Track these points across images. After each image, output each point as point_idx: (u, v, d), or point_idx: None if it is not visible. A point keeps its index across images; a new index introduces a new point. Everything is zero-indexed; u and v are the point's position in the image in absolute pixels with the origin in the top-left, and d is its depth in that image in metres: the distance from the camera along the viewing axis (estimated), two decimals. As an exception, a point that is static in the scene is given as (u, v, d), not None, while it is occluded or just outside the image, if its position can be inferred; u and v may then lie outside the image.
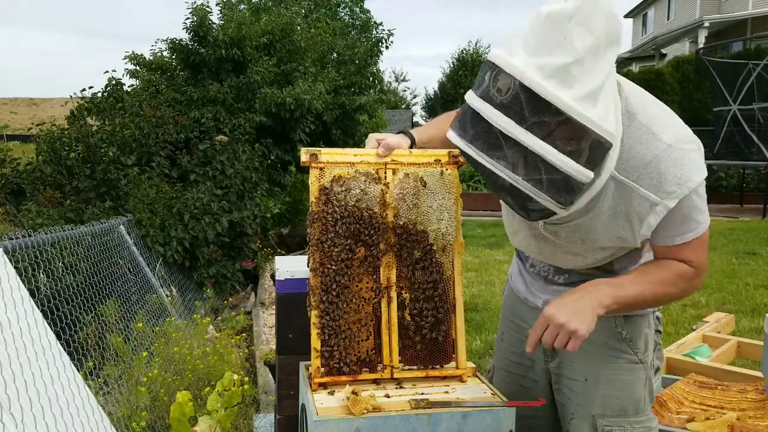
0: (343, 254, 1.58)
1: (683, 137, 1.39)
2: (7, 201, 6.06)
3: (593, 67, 1.21)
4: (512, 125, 1.20)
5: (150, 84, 8.54)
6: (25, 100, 53.61)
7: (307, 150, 1.60)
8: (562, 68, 1.18)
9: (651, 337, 1.67)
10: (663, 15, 27.52)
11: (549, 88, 1.18)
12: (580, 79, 1.19)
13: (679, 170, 1.35)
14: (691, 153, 1.38)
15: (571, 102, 1.18)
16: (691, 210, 1.41)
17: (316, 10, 15.29)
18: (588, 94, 1.20)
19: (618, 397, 1.61)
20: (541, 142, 1.19)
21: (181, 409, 2.35)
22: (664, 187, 1.36)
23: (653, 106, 1.42)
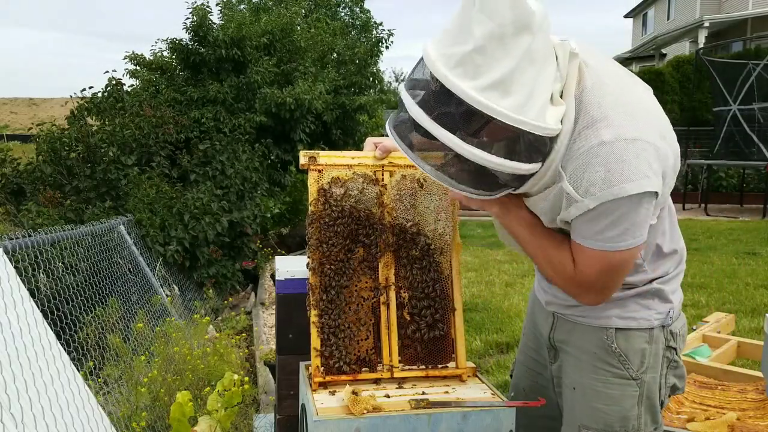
0: (342, 255, 1.59)
1: (629, 137, 1.26)
2: (7, 201, 6.07)
3: (500, 54, 1.15)
4: (421, 115, 1.21)
5: (150, 84, 8.55)
6: (25, 100, 53.63)
7: (306, 153, 1.63)
8: (465, 57, 1.16)
9: (655, 353, 1.53)
10: (663, 15, 27.52)
11: (451, 77, 1.16)
12: (484, 67, 1.15)
13: (606, 171, 1.25)
14: (631, 159, 1.25)
15: (473, 92, 1.15)
16: (614, 218, 1.29)
17: (316, 10, 15.30)
18: (495, 82, 1.15)
19: (604, 412, 1.52)
20: (446, 132, 1.19)
21: (181, 409, 2.35)
22: (585, 185, 1.27)
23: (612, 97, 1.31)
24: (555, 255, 1.44)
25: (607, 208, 1.27)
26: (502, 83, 1.16)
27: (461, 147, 1.19)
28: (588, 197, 1.27)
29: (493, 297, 5.85)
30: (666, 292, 1.53)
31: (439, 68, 1.18)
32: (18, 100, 53.55)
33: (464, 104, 1.16)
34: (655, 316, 1.53)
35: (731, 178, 14.17)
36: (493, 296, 5.89)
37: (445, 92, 1.17)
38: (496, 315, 5.23)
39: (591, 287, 1.43)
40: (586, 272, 1.39)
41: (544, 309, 1.68)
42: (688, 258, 1.66)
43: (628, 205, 1.27)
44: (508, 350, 4.42)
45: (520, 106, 1.18)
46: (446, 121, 1.19)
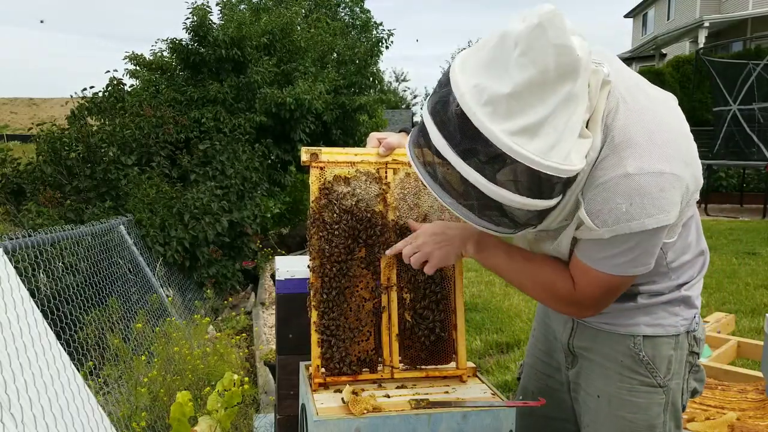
0: (343, 254, 1.58)
1: (654, 170, 1.22)
2: (7, 201, 6.07)
3: (537, 100, 1.11)
4: (445, 146, 1.16)
5: (150, 84, 8.55)
6: (25, 100, 53.60)
7: (308, 149, 1.59)
8: (498, 98, 1.10)
9: (680, 359, 1.51)
10: (663, 15, 27.52)
11: (480, 115, 1.11)
12: (517, 112, 1.10)
13: (628, 204, 1.21)
14: (655, 192, 1.22)
15: (502, 136, 1.10)
16: (620, 248, 1.28)
17: (316, 10, 15.28)
18: (525, 128, 1.11)
19: (630, 420, 1.50)
20: (469, 168, 1.14)
21: (181, 409, 2.34)
22: (603, 216, 1.24)
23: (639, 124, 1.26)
24: (542, 276, 1.45)
25: (621, 238, 1.26)
26: (533, 128, 1.12)
27: (485, 186, 1.15)
28: (604, 228, 1.25)
29: (493, 297, 5.85)
30: (692, 298, 1.52)
31: (470, 104, 1.12)
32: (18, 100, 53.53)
33: (491, 146, 1.12)
34: (681, 322, 1.51)
35: (731, 178, 14.16)
36: (493, 296, 5.89)
37: (473, 128, 1.12)
38: (496, 315, 5.23)
39: (589, 306, 1.43)
40: (587, 291, 1.39)
41: (561, 314, 1.65)
42: None
43: (643, 237, 1.26)
44: (508, 350, 4.42)
45: (548, 150, 1.13)
46: (470, 158, 1.14)
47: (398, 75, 40.79)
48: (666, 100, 1.40)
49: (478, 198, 1.18)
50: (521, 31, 1.10)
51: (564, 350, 1.65)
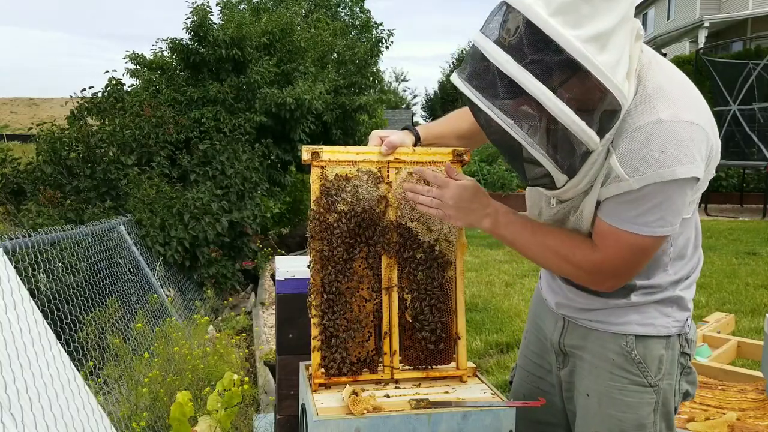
0: (344, 254, 1.57)
1: (686, 119, 1.22)
2: (7, 201, 6.07)
3: (606, 7, 1.11)
4: (509, 61, 1.11)
5: (150, 84, 8.55)
6: (25, 100, 53.63)
7: (309, 148, 1.58)
8: (570, 4, 1.09)
9: (671, 359, 1.50)
10: (663, 15, 27.53)
11: (553, 23, 1.09)
12: (588, 19, 1.10)
13: (660, 151, 1.20)
14: (686, 140, 1.21)
15: (576, 42, 1.09)
16: (652, 203, 1.25)
17: (316, 10, 15.30)
18: (595, 36, 1.10)
19: (619, 419, 1.49)
20: (538, 82, 1.10)
21: (181, 409, 2.34)
22: (635, 163, 1.22)
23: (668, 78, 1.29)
24: (561, 246, 1.42)
25: (652, 190, 1.23)
26: (602, 38, 1.11)
27: (551, 100, 1.11)
28: (635, 176, 1.22)
29: (493, 297, 5.85)
30: (686, 300, 1.52)
31: (539, 13, 1.09)
32: (18, 100, 53.56)
33: (563, 54, 1.09)
34: (673, 323, 1.50)
35: (731, 178, 14.17)
36: (493, 296, 5.89)
37: (542, 39, 1.10)
38: (496, 315, 5.23)
39: (613, 272, 1.39)
40: (612, 255, 1.35)
41: (553, 312, 1.65)
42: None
43: (673, 189, 1.24)
44: (508, 350, 4.42)
45: (615, 66, 1.13)
46: (538, 71, 1.10)
47: (398, 75, 40.88)
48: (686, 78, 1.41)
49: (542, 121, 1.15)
50: None
51: (555, 350, 1.65)
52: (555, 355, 1.65)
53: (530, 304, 1.88)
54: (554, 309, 1.64)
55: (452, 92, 29.84)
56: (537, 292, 1.82)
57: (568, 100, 1.12)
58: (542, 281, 1.78)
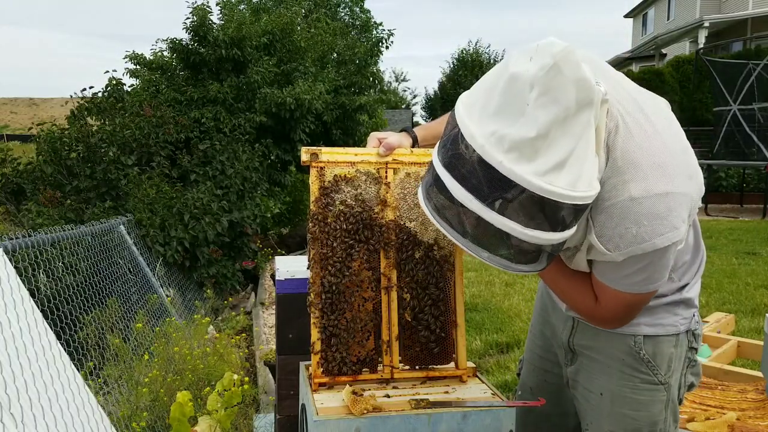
0: (343, 254, 1.58)
1: (659, 191, 1.22)
2: (7, 201, 6.07)
3: (560, 136, 1.10)
4: (472, 201, 1.12)
5: (150, 84, 8.55)
6: (25, 100, 53.65)
7: (308, 149, 1.59)
8: (524, 142, 1.08)
9: (680, 356, 1.54)
10: (663, 15, 27.52)
11: (508, 164, 1.08)
12: (544, 151, 1.09)
13: (636, 228, 1.22)
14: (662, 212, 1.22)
15: (533, 178, 1.08)
16: (633, 267, 1.29)
17: (316, 10, 15.29)
18: (554, 165, 1.09)
19: (633, 417, 1.53)
20: (503, 219, 1.12)
21: (181, 409, 2.35)
22: (615, 240, 1.25)
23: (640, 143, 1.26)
24: (568, 288, 1.47)
25: (635, 259, 1.27)
26: (560, 164, 1.10)
27: (520, 232, 1.13)
28: (616, 251, 1.26)
29: (493, 297, 5.85)
30: (693, 299, 1.55)
31: (492, 153, 1.09)
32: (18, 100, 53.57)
33: (523, 190, 1.09)
34: (681, 321, 1.54)
35: (731, 178, 14.17)
36: (493, 296, 5.89)
37: (499, 178, 1.10)
38: (496, 315, 5.23)
39: (611, 321, 1.46)
40: (609, 307, 1.41)
41: (562, 312, 1.67)
42: None
43: (656, 255, 1.27)
44: (508, 350, 4.42)
45: (576, 181, 1.12)
46: (500, 207, 1.12)
47: (398, 75, 40.85)
48: (661, 109, 1.38)
49: (511, 243, 1.16)
50: (535, 73, 1.08)
51: (564, 347, 1.67)
52: (564, 353, 1.68)
53: (536, 299, 1.90)
54: (564, 311, 1.66)
55: (452, 92, 29.85)
56: (543, 288, 1.84)
57: (536, 225, 1.13)
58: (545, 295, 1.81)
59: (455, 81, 30.56)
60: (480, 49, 32.00)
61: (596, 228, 1.27)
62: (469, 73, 30.11)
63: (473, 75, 29.69)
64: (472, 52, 31.77)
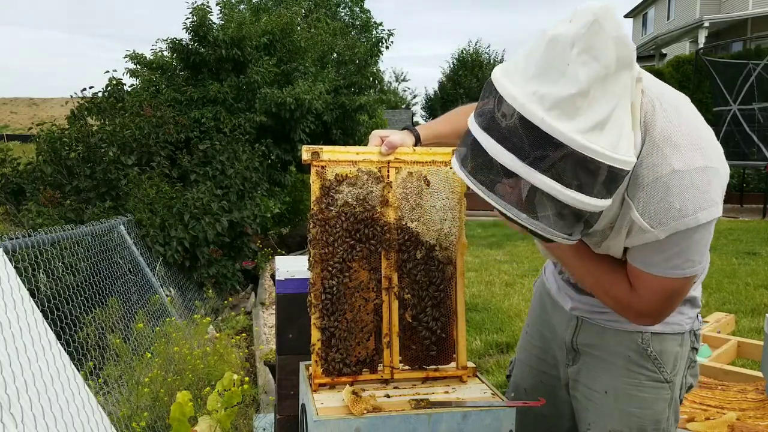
0: (344, 254, 1.57)
1: (699, 165, 1.24)
2: (7, 201, 6.07)
3: (600, 95, 1.10)
4: (514, 160, 1.11)
5: (150, 84, 8.54)
6: (25, 100, 53.65)
7: (309, 148, 1.57)
8: (565, 99, 1.08)
9: (683, 355, 1.56)
10: (663, 15, 27.53)
11: (550, 121, 1.08)
12: (585, 109, 1.09)
13: (680, 202, 1.22)
14: (703, 186, 1.23)
15: (575, 135, 1.08)
16: (680, 248, 1.27)
17: (316, 10, 15.29)
18: (595, 124, 1.10)
19: (637, 416, 1.53)
20: (545, 178, 1.10)
21: (181, 409, 2.34)
22: (658, 216, 1.24)
23: (674, 123, 1.28)
24: (606, 280, 1.43)
25: (677, 237, 1.26)
26: (600, 123, 1.10)
27: (559, 192, 1.11)
28: (659, 228, 1.25)
29: (493, 297, 5.85)
30: (697, 298, 1.56)
31: (535, 111, 1.09)
32: (18, 100, 53.57)
33: (565, 148, 1.09)
34: (686, 320, 1.55)
35: (731, 178, 14.16)
36: (493, 296, 5.89)
37: (541, 136, 1.09)
38: (496, 315, 5.23)
39: (650, 313, 1.41)
40: (646, 298, 1.37)
41: (565, 312, 1.67)
42: None
43: (699, 232, 1.26)
44: (508, 350, 4.42)
45: (617, 143, 1.12)
46: (541, 166, 1.10)
47: (398, 75, 40.83)
48: (686, 99, 1.41)
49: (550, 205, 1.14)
50: (576, 31, 1.09)
51: (566, 347, 1.67)
52: (566, 353, 1.67)
53: (533, 299, 1.89)
54: (567, 309, 1.66)
55: (452, 92, 29.81)
56: (542, 289, 1.83)
57: (577, 186, 1.12)
58: (549, 282, 1.79)
59: (455, 81, 30.51)
60: (480, 49, 31.96)
61: (639, 206, 1.26)
62: (469, 73, 30.05)
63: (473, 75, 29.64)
64: (472, 52, 31.73)
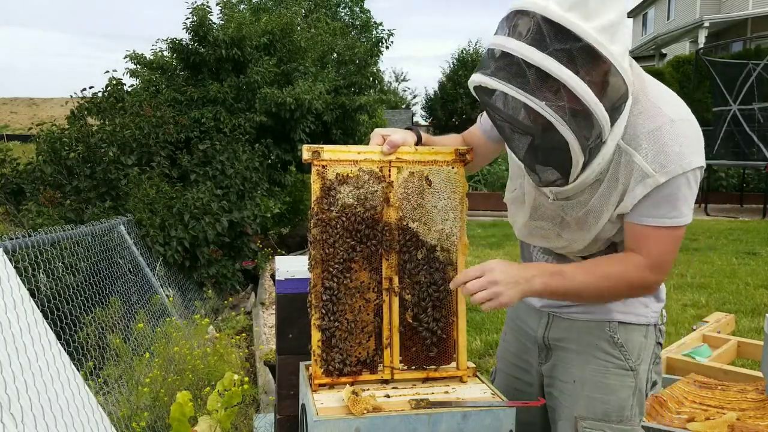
0: (344, 254, 1.57)
1: (688, 119, 1.41)
2: (7, 201, 6.07)
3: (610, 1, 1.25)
4: (534, 51, 1.22)
5: (150, 84, 8.54)
6: (25, 100, 53.62)
7: (310, 147, 1.56)
8: (580, 1, 1.22)
9: (648, 348, 1.64)
10: (663, 15, 27.53)
11: (570, 17, 1.21)
12: (598, 11, 1.23)
13: (678, 146, 1.36)
14: (693, 135, 1.39)
15: (592, 32, 1.22)
16: (678, 194, 1.40)
17: (316, 10, 15.29)
18: (606, 26, 1.24)
19: (602, 401, 1.60)
20: (563, 67, 1.21)
21: (181, 409, 2.34)
22: (660, 159, 1.37)
23: (660, 86, 1.47)
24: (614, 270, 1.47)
25: (676, 183, 1.38)
26: (611, 28, 1.25)
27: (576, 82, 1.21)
28: (661, 171, 1.37)
29: (493, 297, 5.84)
30: (661, 292, 1.65)
31: (555, 9, 1.22)
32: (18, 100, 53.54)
33: (582, 42, 1.21)
34: (651, 314, 1.64)
35: (731, 178, 14.18)
36: (493, 296, 5.87)
37: (561, 31, 1.22)
38: (496, 315, 5.23)
39: (660, 268, 1.47)
40: (658, 252, 1.45)
41: (537, 310, 1.73)
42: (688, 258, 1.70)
43: (692, 178, 1.39)
44: (508, 350, 4.42)
45: (622, 56, 1.27)
46: (561, 57, 1.21)
47: (398, 75, 40.83)
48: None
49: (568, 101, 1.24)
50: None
51: (539, 345, 1.73)
52: (538, 351, 1.74)
53: (507, 310, 1.95)
54: (538, 307, 1.73)
55: (452, 92, 29.77)
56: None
57: (588, 84, 1.23)
58: None
59: (455, 81, 30.48)
60: (480, 49, 31.94)
61: (641, 151, 1.38)
62: (469, 73, 29.97)
63: (473, 75, 29.57)
64: (472, 52, 31.71)
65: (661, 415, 2.50)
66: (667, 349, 3.20)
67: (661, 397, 2.60)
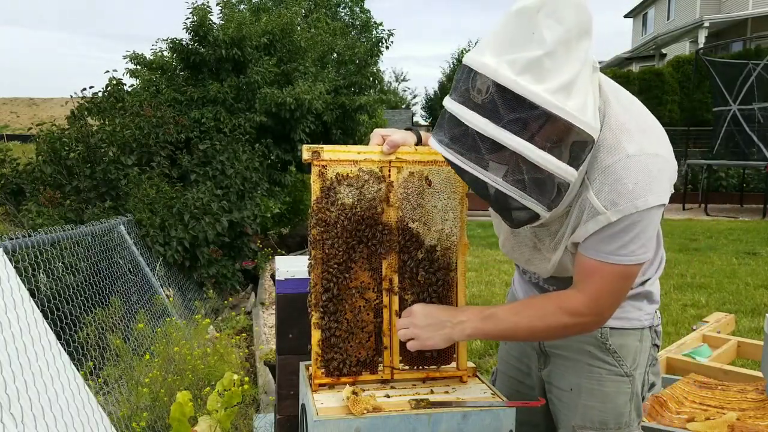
0: (344, 254, 1.57)
1: (650, 152, 1.33)
2: (7, 201, 6.07)
3: (566, 59, 1.18)
4: (487, 124, 1.17)
5: (150, 84, 8.55)
6: (25, 100, 53.65)
7: (310, 147, 1.56)
8: (534, 62, 1.16)
9: (643, 351, 1.61)
10: (663, 15, 27.53)
11: (522, 82, 1.15)
12: (553, 71, 1.16)
13: (633, 184, 1.29)
14: (654, 171, 1.31)
15: (546, 95, 1.15)
16: (630, 233, 1.33)
17: (316, 10, 15.28)
18: (562, 86, 1.17)
19: (599, 409, 1.58)
20: (519, 139, 1.16)
21: (181, 409, 2.35)
22: (612, 197, 1.31)
23: (628, 114, 1.37)
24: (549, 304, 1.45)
25: (628, 221, 1.32)
26: (567, 86, 1.18)
27: (535, 153, 1.17)
28: (612, 209, 1.31)
29: (493, 297, 5.85)
30: (654, 294, 1.63)
31: (506, 74, 1.16)
32: (18, 100, 53.56)
33: (537, 108, 1.15)
34: (644, 317, 1.61)
35: (731, 178, 14.17)
36: (493, 296, 5.89)
37: (514, 98, 1.16)
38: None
39: (606, 304, 1.43)
40: (601, 289, 1.40)
41: None
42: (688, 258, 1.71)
43: (648, 217, 1.32)
44: (508, 350, 4.42)
45: (582, 108, 1.20)
46: (516, 128, 1.16)
47: (398, 75, 40.90)
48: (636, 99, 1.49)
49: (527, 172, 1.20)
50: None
51: (537, 351, 1.72)
52: (537, 357, 1.72)
53: None
54: None
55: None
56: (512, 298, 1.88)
57: (549, 149, 1.19)
58: (517, 289, 1.84)
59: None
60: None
61: (594, 187, 1.33)
62: (469, 73, 29.97)
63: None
64: (472, 52, 31.71)
65: (661, 415, 2.50)
66: (667, 349, 3.20)
67: (661, 397, 2.60)
